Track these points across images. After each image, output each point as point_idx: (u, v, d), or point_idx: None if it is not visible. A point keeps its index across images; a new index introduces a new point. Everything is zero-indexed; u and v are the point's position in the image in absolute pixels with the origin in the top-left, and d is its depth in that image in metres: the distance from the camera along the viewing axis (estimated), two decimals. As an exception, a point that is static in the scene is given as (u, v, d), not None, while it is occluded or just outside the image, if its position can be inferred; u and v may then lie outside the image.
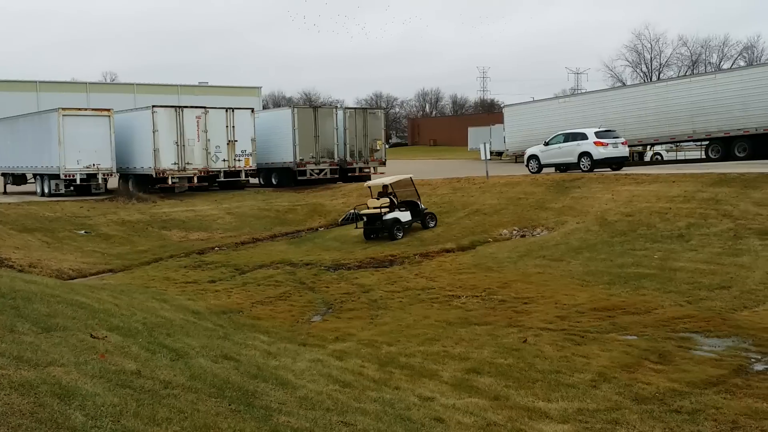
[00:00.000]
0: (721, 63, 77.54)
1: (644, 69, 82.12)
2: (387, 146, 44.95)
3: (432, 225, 23.64)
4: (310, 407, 6.33)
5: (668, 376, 8.98)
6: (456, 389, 8.47)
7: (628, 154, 30.96)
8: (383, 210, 22.89)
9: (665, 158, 43.38)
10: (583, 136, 28.77)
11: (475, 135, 64.49)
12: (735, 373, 9.07)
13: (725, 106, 31.13)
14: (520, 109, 41.86)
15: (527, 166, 31.44)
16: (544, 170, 30.62)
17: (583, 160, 28.44)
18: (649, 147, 40.85)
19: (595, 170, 28.04)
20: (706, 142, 33.60)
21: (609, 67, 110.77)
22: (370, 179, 35.90)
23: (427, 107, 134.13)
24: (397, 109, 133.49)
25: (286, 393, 6.93)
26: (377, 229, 22.91)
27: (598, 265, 16.49)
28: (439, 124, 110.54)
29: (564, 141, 29.60)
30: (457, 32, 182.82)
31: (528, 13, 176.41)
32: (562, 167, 30.29)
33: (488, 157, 30.33)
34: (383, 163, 36.72)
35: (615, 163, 28.79)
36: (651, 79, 72.68)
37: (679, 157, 42.99)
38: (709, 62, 79.31)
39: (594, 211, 21.51)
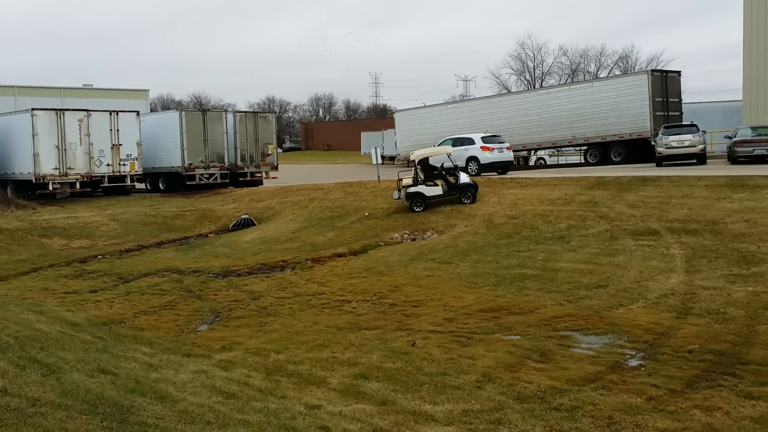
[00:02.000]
0: (599, 72, 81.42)
1: (528, 77, 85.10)
2: (280, 151, 44.51)
3: (467, 201, 23.33)
4: (189, 421, 6.12)
5: (549, 374, 9.25)
6: (344, 396, 8.42)
7: (513, 159, 31.96)
8: (404, 184, 23.78)
9: (548, 162, 45.04)
10: (471, 141, 29.50)
11: (368, 140, 65.00)
12: (611, 369, 9.44)
13: (602, 112, 32.72)
14: (411, 114, 42.46)
15: (418, 170, 31.85)
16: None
17: (471, 164, 29.14)
18: (533, 152, 42.28)
19: (482, 174, 28.78)
20: (585, 147, 35.12)
21: (495, 74, 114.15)
22: (261, 184, 35.54)
23: (320, 112, 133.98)
24: (291, 114, 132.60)
25: (165, 407, 6.69)
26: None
27: (485, 267, 16.88)
28: (333, 129, 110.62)
29: (453, 146, 30.18)
30: (352, 37, 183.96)
31: (421, 22, 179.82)
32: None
33: (380, 161, 30.53)
34: (275, 168, 36.31)
35: (501, 167, 29.68)
36: (534, 87, 75.37)
37: (561, 162, 44.76)
38: (588, 71, 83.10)
39: (481, 214, 22.04)
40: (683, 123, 30.27)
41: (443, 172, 24.27)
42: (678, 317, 11.89)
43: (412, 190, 23.60)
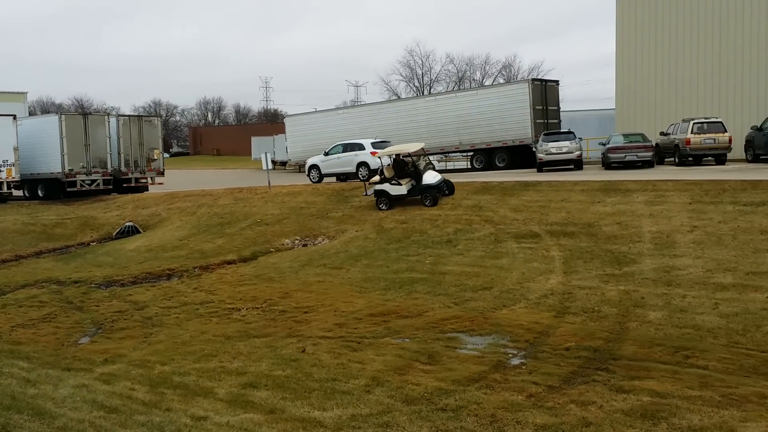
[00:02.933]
0: (484, 80, 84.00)
1: (417, 84, 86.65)
2: (167, 156, 43.26)
3: (427, 203, 22.30)
4: (68, 439, 5.90)
5: (436, 375, 9.48)
6: (231, 406, 8.33)
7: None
8: (373, 181, 23.21)
9: (437, 168, 45.93)
10: (361, 147, 29.77)
11: (259, 145, 64.20)
12: (494, 368, 9.78)
13: (487, 119, 33.75)
14: (302, 119, 42.32)
15: (308, 175, 31.87)
16: (325, 180, 31.23)
17: (361, 169, 29.41)
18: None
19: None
20: (471, 153, 36.10)
21: (385, 81, 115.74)
22: (147, 190, 34.47)
23: (209, 116, 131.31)
24: (178, 118, 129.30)
25: (43, 424, 6.43)
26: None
27: (375, 271, 17.08)
28: (223, 133, 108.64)
29: (343, 151, 30.42)
30: (242, 41, 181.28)
31: (313, 27, 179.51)
32: (342, 177, 31.10)
33: (270, 167, 30.29)
34: (162, 173, 35.30)
35: (389, 172, 30.05)
36: (423, 93, 76.79)
37: (449, 167, 45.77)
38: (474, 79, 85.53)
39: (372, 219, 22.27)
40: (561, 130, 31.65)
41: (413, 170, 23.20)
42: (556, 316, 12.45)
43: (378, 187, 23.13)
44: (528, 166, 31.96)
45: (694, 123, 27.03)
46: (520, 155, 33.49)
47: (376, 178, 23.51)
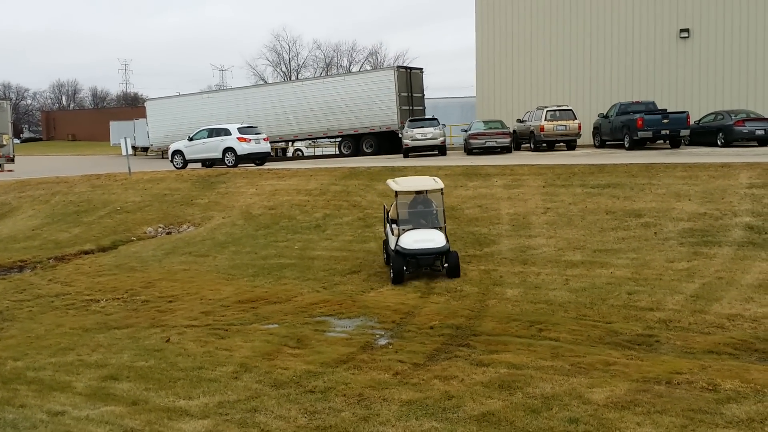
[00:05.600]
0: (351, 66, 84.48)
1: (284, 69, 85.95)
2: (17, 141, 40.64)
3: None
4: None
5: (305, 359, 9.57)
6: (91, 399, 8.05)
7: (270, 150, 32.19)
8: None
9: (305, 154, 45.92)
10: (227, 132, 29.23)
11: (118, 129, 61.36)
12: (362, 349, 9.99)
13: (354, 105, 34.02)
14: (164, 103, 40.94)
15: (172, 161, 30.95)
16: (190, 165, 30.44)
17: (227, 155, 28.90)
18: (290, 143, 42.84)
19: (239, 165, 28.66)
20: (340, 139, 36.33)
21: (252, 65, 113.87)
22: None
23: (64, 99, 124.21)
24: (30, 101, 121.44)
25: None
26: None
27: (243, 258, 16.91)
28: (79, 118, 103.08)
29: (208, 136, 29.75)
30: (101, 23, 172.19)
31: (178, 8, 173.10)
32: (207, 162, 30.43)
33: (129, 152, 29.15)
34: (11, 160, 33.10)
35: (258, 158, 29.76)
36: (290, 79, 76.20)
37: (317, 153, 45.84)
38: (341, 65, 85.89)
39: (239, 205, 22.00)
40: (426, 117, 32.46)
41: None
42: (422, 297, 12.85)
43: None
44: (395, 152, 32.54)
45: (547, 110, 28.49)
46: (387, 141, 34.02)
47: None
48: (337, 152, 38.39)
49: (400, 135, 31.36)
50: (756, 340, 9.67)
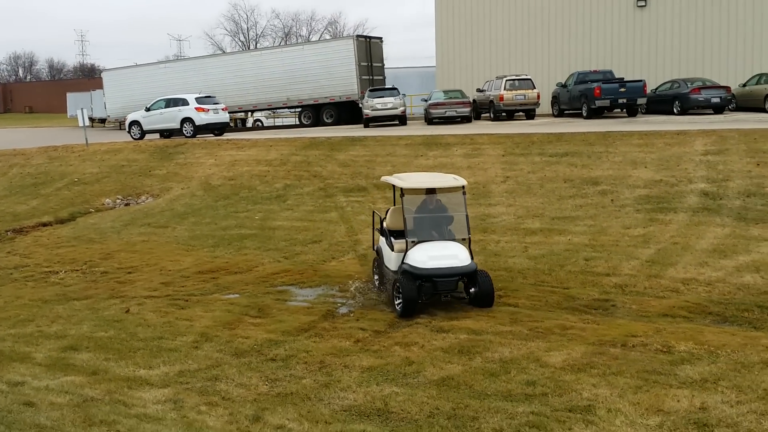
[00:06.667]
0: (310, 36, 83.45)
1: (242, 38, 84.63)
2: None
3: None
4: None
5: (266, 328, 9.58)
6: (50, 370, 7.98)
7: (229, 120, 31.81)
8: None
9: (265, 124, 45.46)
10: (185, 102, 28.78)
11: (75, 101, 59.80)
12: (324, 318, 10.03)
13: (314, 75, 33.69)
14: (121, 73, 40.03)
15: (129, 132, 30.42)
16: (148, 136, 29.96)
17: (185, 125, 28.50)
18: (250, 113, 42.36)
19: (198, 136, 28.30)
20: (300, 109, 36.02)
21: (209, 35, 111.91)
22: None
23: (20, 71, 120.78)
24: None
25: None
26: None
27: (203, 229, 16.77)
28: (35, 90, 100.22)
29: (166, 107, 29.26)
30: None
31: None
32: (165, 133, 29.98)
33: (87, 123, 28.56)
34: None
35: (217, 128, 29.41)
36: (249, 49, 75.07)
37: (277, 123, 45.41)
38: (300, 34, 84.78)
39: (198, 176, 21.76)
40: (386, 87, 32.32)
41: None
42: (383, 265, 12.90)
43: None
44: (355, 122, 32.40)
45: (506, 80, 28.56)
46: (347, 111, 33.83)
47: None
48: (298, 122, 38.08)
49: (360, 105, 31.20)
50: (710, 303, 9.94)
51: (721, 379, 7.16)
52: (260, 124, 45.45)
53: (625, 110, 27.36)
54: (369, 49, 34.51)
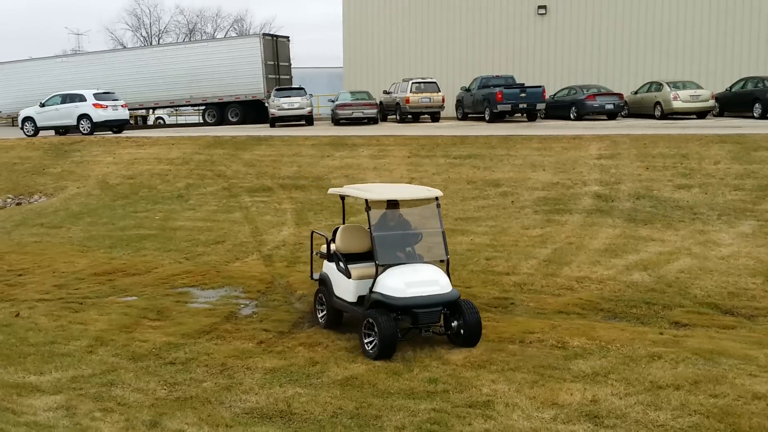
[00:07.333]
0: (216, 33, 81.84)
1: (144, 34, 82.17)
2: None
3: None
4: None
5: (165, 330, 9.34)
6: (-70, 379, 7.51)
7: (128, 117, 30.84)
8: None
9: (167, 122, 44.37)
10: (82, 98, 27.69)
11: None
12: (226, 319, 9.88)
13: (218, 73, 33.13)
14: (15, 67, 38.08)
15: (22, 128, 29.01)
16: (42, 133, 28.65)
17: (82, 122, 27.41)
18: (151, 111, 41.23)
19: (95, 133, 27.28)
20: (204, 107, 35.33)
21: (110, 30, 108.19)
22: None
23: None
24: None
25: None
26: None
27: (99, 229, 16.20)
28: None
29: (62, 102, 28.06)
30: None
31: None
32: (61, 130, 28.78)
33: (-27, 118, 27.04)
34: None
35: (116, 125, 28.44)
36: (151, 44, 73.02)
37: (180, 121, 44.40)
38: (205, 31, 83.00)
39: (95, 174, 21.00)
40: (293, 86, 32.14)
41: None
42: (288, 266, 12.83)
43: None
44: (261, 122, 32.05)
45: (412, 83, 28.94)
46: (253, 110, 33.44)
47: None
48: (201, 121, 37.32)
49: (266, 104, 30.90)
50: (601, 300, 10.39)
51: (611, 373, 7.49)
52: (162, 121, 44.33)
53: (525, 115, 28.20)
54: (276, 48, 34.22)
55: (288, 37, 35.90)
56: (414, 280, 8.38)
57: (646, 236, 13.23)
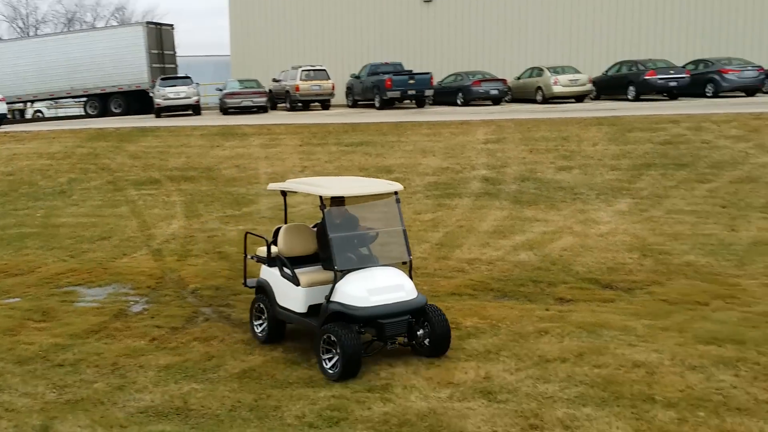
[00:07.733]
0: (96, 22, 78.54)
1: (21, 24, 77.78)
2: None
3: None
4: None
5: (52, 332, 8.98)
6: None
7: (6, 111, 29.24)
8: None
9: (47, 115, 42.31)
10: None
11: None
12: (116, 317, 9.59)
13: (100, 63, 31.92)
14: None
15: None
16: None
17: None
18: (29, 104, 39.22)
19: (-34, 128, 25.70)
20: (85, 99, 33.93)
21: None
22: None
23: None
24: None
25: None
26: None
27: (-25, 230, 15.30)
28: None
29: (-74, 96, 26.23)
30: None
31: None
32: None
33: None
34: None
35: (-10, 119, 26.90)
36: (28, 35, 69.22)
37: (60, 114, 42.43)
38: (85, 21, 79.47)
39: (-33, 172, 19.77)
40: (179, 75, 31.33)
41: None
42: (179, 260, 12.55)
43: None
44: (146, 112, 31.11)
45: (302, 70, 28.80)
46: (137, 101, 32.44)
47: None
48: (83, 113, 35.80)
49: (151, 94, 29.99)
50: (491, 281, 10.76)
51: (502, 350, 7.81)
52: (41, 115, 42.22)
53: (414, 101, 28.64)
54: (160, 36, 33.25)
55: (172, 25, 34.98)
56: (377, 287, 7.39)
57: (531, 217, 13.78)
